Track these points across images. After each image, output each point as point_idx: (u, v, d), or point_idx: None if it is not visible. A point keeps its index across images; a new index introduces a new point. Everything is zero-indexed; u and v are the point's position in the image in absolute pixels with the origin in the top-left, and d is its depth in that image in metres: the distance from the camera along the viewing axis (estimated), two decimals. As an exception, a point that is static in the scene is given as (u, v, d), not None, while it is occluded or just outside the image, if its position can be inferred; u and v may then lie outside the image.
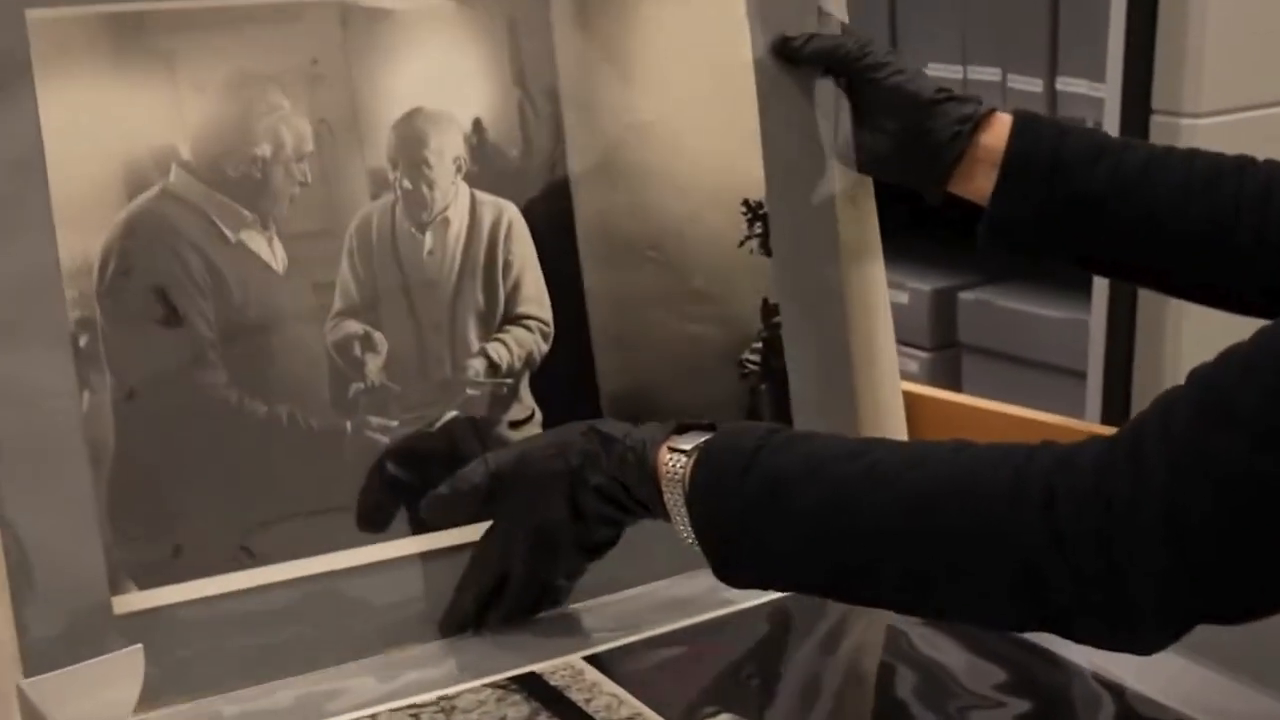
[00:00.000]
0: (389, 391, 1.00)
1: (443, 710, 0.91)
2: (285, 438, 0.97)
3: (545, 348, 1.05)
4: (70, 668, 0.89)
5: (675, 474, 0.88)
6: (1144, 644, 0.78)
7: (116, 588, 0.93)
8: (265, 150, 0.98)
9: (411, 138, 1.02)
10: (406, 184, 1.02)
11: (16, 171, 0.92)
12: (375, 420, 1.00)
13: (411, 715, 0.91)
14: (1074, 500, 0.75)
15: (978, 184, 1.07)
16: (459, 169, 1.03)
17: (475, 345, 1.03)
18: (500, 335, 1.04)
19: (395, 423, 1.00)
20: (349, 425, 0.99)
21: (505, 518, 0.97)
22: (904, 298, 2.14)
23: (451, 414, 1.02)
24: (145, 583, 0.94)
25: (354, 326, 1.00)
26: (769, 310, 1.12)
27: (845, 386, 1.14)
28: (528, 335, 1.05)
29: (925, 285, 2.18)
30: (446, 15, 1.04)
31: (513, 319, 1.05)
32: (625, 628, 1.00)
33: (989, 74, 1.94)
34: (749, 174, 1.13)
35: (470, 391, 1.03)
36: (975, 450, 0.81)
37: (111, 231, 0.94)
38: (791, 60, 1.13)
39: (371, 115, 1.01)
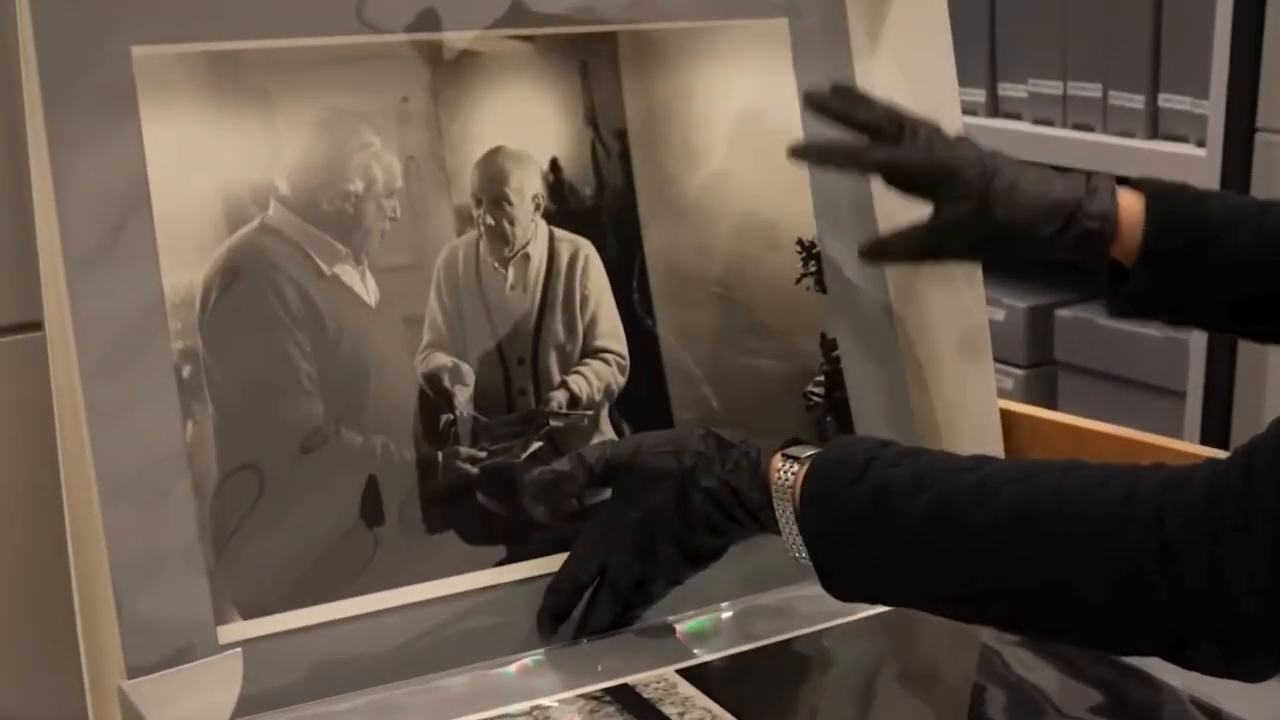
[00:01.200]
0: (477, 422, 1.02)
1: (535, 720, 0.93)
2: (381, 468, 0.98)
3: (622, 380, 1.07)
4: (169, 670, 0.90)
5: (786, 482, 0.90)
6: (1249, 667, 0.79)
7: (221, 617, 0.93)
8: (358, 186, 1.00)
9: (494, 176, 1.04)
10: (489, 220, 1.04)
11: (122, 204, 0.93)
12: (465, 451, 1.01)
13: (504, 726, 0.92)
14: (1184, 517, 0.76)
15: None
16: (538, 206, 1.06)
17: (556, 378, 1.05)
18: (580, 368, 1.06)
19: (484, 454, 1.02)
20: (440, 456, 1.00)
21: (612, 505, 0.98)
22: (1000, 315, 2.13)
23: (537, 445, 1.03)
24: (249, 612, 0.94)
25: (443, 359, 1.02)
26: (828, 344, 1.15)
27: (904, 414, 1.17)
28: (606, 368, 1.07)
29: (1021, 303, 2.16)
30: (524, 57, 1.06)
31: (591, 352, 1.07)
32: (720, 642, 1.01)
33: (1090, 90, 1.91)
34: (801, 214, 1.16)
35: (553, 423, 1.04)
36: (1087, 468, 0.82)
37: (212, 264, 0.95)
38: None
39: (457, 153, 1.03)
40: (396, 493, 0.99)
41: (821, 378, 1.15)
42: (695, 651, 1.00)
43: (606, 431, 1.06)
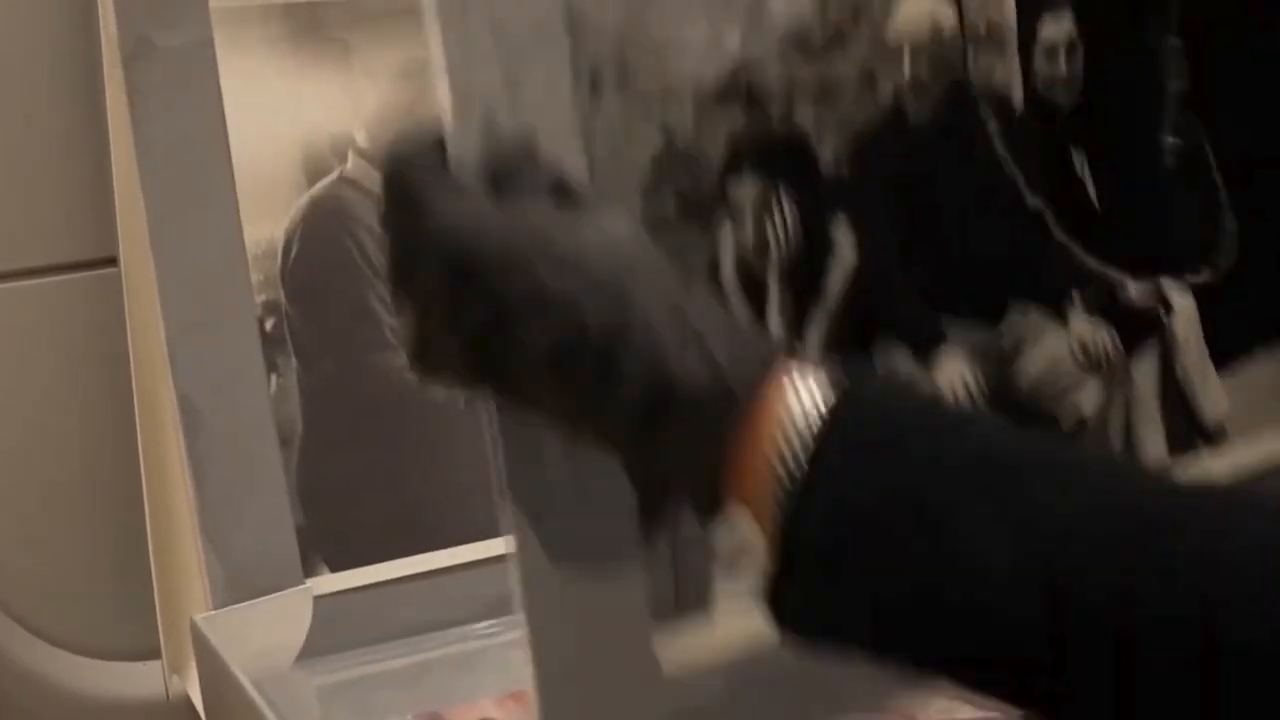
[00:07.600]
0: (561, 375, 1.01)
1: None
2: (462, 420, 0.98)
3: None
4: (241, 605, 0.90)
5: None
6: None
7: (310, 570, 0.93)
8: (436, 137, 0.99)
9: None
10: (569, 172, 1.03)
11: (201, 156, 0.93)
12: (549, 404, 1.00)
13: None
14: None
15: None
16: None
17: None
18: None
19: (567, 406, 1.00)
20: (524, 408, 0.99)
21: None
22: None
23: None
24: (336, 565, 0.93)
25: (525, 311, 1.00)
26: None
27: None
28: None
29: None
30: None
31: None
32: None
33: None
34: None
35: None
36: None
37: (293, 216, 0.95)
38: None
39: (535, 104, 1.02)
40: (479, 444, 0.98)
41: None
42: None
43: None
